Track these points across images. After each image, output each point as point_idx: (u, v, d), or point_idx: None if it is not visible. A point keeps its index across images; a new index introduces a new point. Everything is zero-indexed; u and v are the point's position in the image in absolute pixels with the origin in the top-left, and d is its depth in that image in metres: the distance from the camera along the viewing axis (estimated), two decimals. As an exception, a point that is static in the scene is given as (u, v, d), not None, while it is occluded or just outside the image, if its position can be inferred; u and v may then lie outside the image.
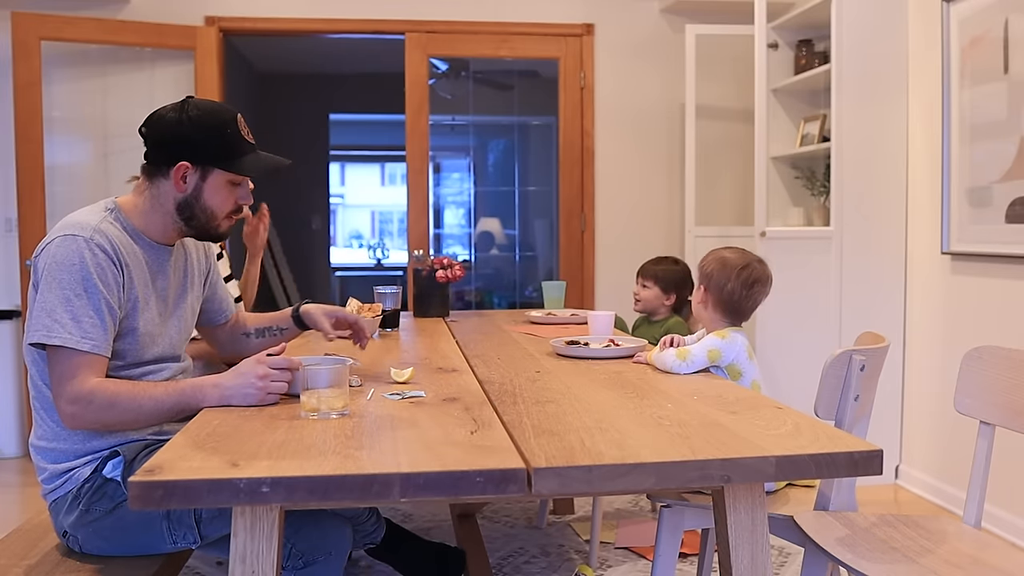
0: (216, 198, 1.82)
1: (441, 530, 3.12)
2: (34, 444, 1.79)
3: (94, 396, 1.62)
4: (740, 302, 2.07)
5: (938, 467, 3.48)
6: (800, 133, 4.19)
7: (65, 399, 1.63)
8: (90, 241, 1.68)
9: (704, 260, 2.13)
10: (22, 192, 4.08)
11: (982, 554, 1.67)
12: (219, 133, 1.79)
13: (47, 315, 1.63)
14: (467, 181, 6.98)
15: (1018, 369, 1.78)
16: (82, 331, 1.63)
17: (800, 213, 4.15)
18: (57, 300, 1.63)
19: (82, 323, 1.63)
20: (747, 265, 2.07)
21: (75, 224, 1.71)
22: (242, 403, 1.65)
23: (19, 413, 4.32)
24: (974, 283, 3.23)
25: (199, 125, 1.77)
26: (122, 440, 1.75)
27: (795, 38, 4.21)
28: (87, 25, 4.13)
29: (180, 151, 1.77)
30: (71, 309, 1.63)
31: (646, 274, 3.16)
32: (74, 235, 1.68)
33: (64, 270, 1.65)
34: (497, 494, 1.21)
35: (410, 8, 4.53)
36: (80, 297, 1.64)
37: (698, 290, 2.12)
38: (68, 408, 1.63)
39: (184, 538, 1.70)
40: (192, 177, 1.79)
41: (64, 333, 1.62)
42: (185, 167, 1.78)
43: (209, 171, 1.80)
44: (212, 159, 1.79)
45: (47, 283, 1.65)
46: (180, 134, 1.77)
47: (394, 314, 2.82)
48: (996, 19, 3.05)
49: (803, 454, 1.29)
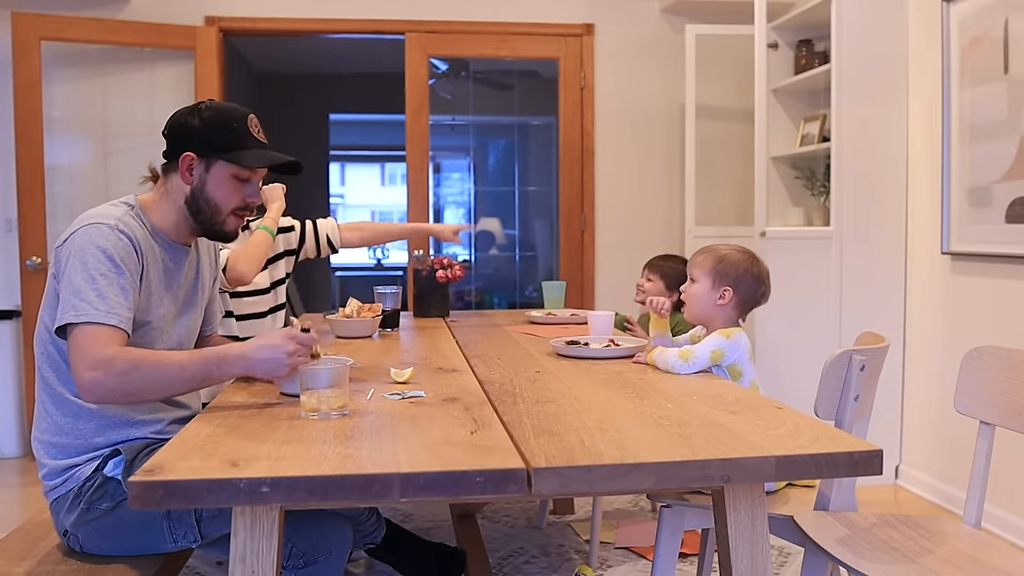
0: (220, 190, 1.83)
1: (441, 530, 3.12)
2: (37, 439, 1.79)
3: (115, 360, 1.60)
4: (762, 298, 2.09)
5: (938, 467, 3.48)
6: (800, 133, 4.19)
7: (85, 365, 1.59)
8: (115, 228, 1.71)
9: (720, 263, 2.06)
10: (22, 192, 4.08)
11: (982, 554, 1.67)
12: (226, 127, 1.82)
13: (74, 295, 1.63)
14: (467, 181, 6.97)
15: (1018, 369, 1.78)
16: (108, 306, 1.64)
17: (800, 213, 4.15)
18: (83, 280, 1.64)
19: (108, 299, 1.64)
20: (757, 259, 2.10)
21: (99, 215, 1.74)
22: (265, 375, 1.68)
23: (19, 413, 4.32)
24: (974, 283, 3.23)
25: (207, 120, 1.82)
26: (124, 438, 1.75)
27: (795, 38, 4.21)
28: (87, 25, 4.13)
29: (187, 143, 1.81)
30: (97, 287, 1.64)
31: (653, 268, 3.19)
32: (98, 223, 1.71)
33: (90, 253, 1.66)
34: (497, 494, 1.21)
35: (410, 8, 4.53)
36: (106, 276, 1.66)
37: (714, 291, 2.06)
38: (88, 375, 1.59)
39: (184, 537, 1.70)
40: (197, 168, 1.82)
41: (91, 309, 1.62)
42: (191, 158, 1.81)
43: (213, 162, 1.82)
44: (215, 150, 1.81)
45: (73, 267, 1.66)
46: (189, 127, 1.82)
47: (394, 314, 2.82)
48: (996, 19, 3.05)
49: (803, 454, 1.29)
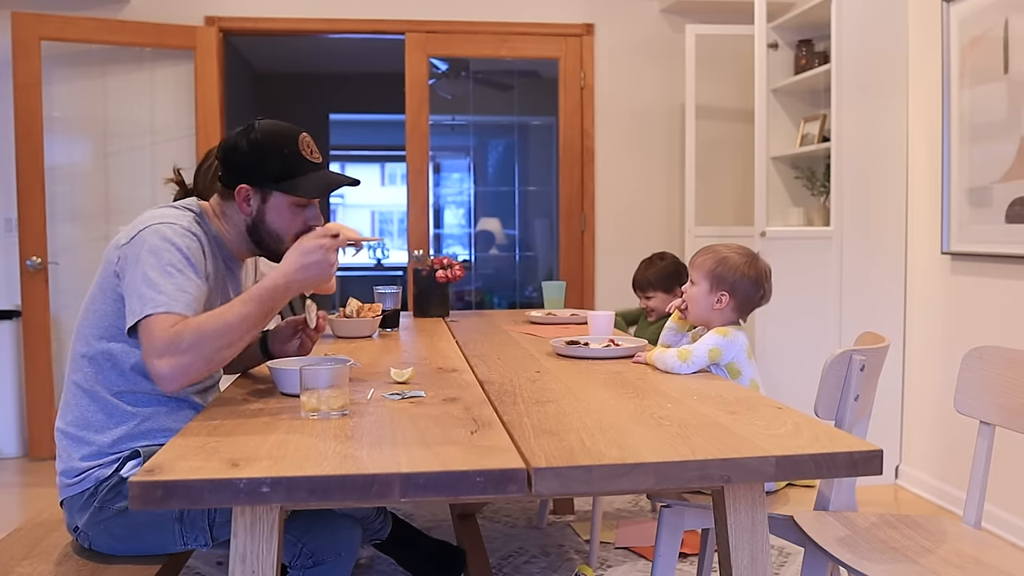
0: (281, 221, 1.82)
1: (441, 530, 3.12)
2: (63, 430, 1.76)
3: (180, 336, 1.57)
4: (762, 299, 2.09)
5: (938, 467, 3.48)
6: (800, 133, 4.19)
7: (155, 355, 1.56)
8: (187, 231, 1.72)
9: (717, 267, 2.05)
10: (22, 192, 4.08)
11: (982, 554, 1.67)
12: (278, 154, 1.79)
13: (150, 288, 1.61)
14: (467, 181, 6.97)
15: (1018, 369, 1.78)
16: (187, 297, 1.62)
17: (800, 213, 4.16)
18: (158, 273, 1.62)
19: (187, 291, 1.63)
20: (757, 259, 2.09)
21: (167, 216, 1.73)
22: (319, 279, 1.68)
23: (19, 413, 4.32)
24: (974, 283, 3.23)
25: (258, 147, 1.78)
26: (147, 443, 1.74)
27: (795, 38, 4.21)
28: (87, 25, 4.13)
29: (241, 174, 1.80)
30: (174, 281, 1.63)
31: (644, 286, 3.13)
32: (169, 223, 1.70)
33: (165, 249, 1.65)
34: (497, 494, 1.21)
35: (410, 8, 4.53)
36: (182, 272, 1.65)
37: (711, 295, 2.06)
38: (161, 363, 1.55)
39: (196, 540, 1.70)
40: (254, 200, 1.81)
41: (168, 300, 1.60)
42: (246, 190, 1.80)
43: (269, 194, 1.81)
44: (271, 181, 1.79)
45: (147, 261, 1.63)
46: (241, 157, 1.79)
47: (394, 314, 2.82)
48: (996, 19, 3.05)
49: (803, 454, 1.28)
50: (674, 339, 2.23)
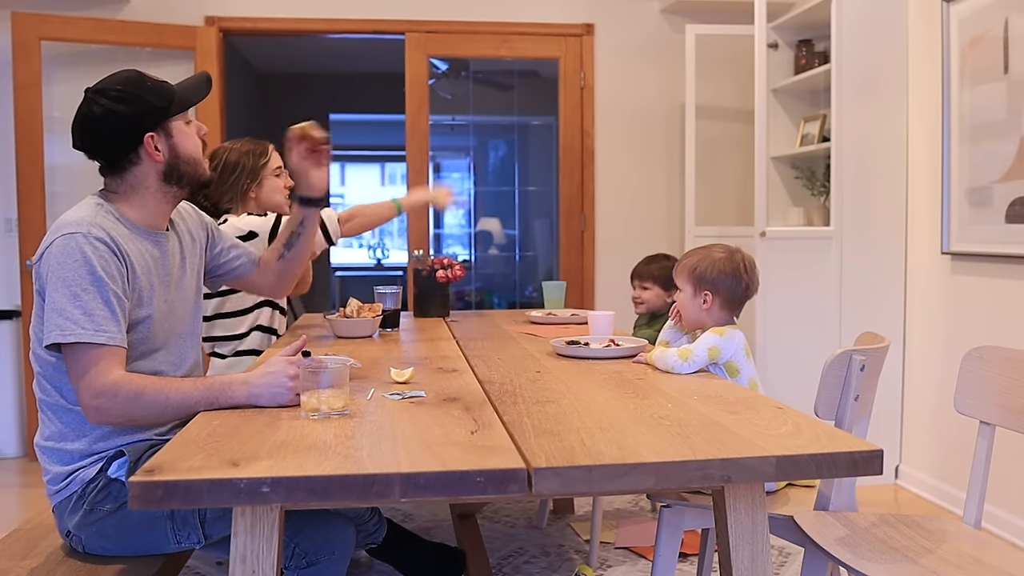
0: (189, 142, 1.85)
1: (441, 530, 3.12)
2: (40, 445, 1.78)
3: (119, 389, 1.61)
4: (747, 291, 2.08)
5: (938, 467, 3.48)
6: (800, 133, 4.19)
7: (89, 393, 1.61)
8: (88, 236, 1.67)
9: (696, 268, 2.09)
10: (22, 192, 4.08)
11: (982, 554, 1.67)
12: (145, 91, 1.80)
13: (58, 315, 1.62)
14: (467, 181, 6.97)
15: (1018, 369, 1.78)
16: (95, 324, 1.62)
17: (800, 213, 4.15)
18: (66, 298, 1.62)
19: (94, 316, 1.63)
20: (735, 253, 2.10)
21: (70, 222, 1.70)
22: (270, 404, 1.62)
23: (19, 413, 4.32)
24: (974, 283, 3.23)
25: (125, 99, 1.78)
26: (128, 440, 1.75)
27: (795, 38, 4.21)
28: (87, 25, 4.13)
29: (134, 130, 1.79)
30: (81, 304, 1.62)
31: (643, 276, 3.14)
32: (72, 233, 1.67)
33: (67, 268, 1.64)
34: (497, 494, 1.21)
35: (410, 8, 4.53)
36: (87, 291, 1.64)
37: (696, 297, 2.08)
38: (93, 402, 1.61)
39: (188, 538, 1.70)
40: (161, 141, 1.81)
41: (78, 329, 1.61)
42: (150, 137, 1.80)
43: (168, 126, 1.82)
44: (160, 114, 1.81)
45: (53, 284, 1.64)
46: (121, 118, 1.78)
47: (394, 314, 2.82)
48: (996, 19, 3.05)
49: (803, 454, 1.29)
50: (674, 337, 2.23)
